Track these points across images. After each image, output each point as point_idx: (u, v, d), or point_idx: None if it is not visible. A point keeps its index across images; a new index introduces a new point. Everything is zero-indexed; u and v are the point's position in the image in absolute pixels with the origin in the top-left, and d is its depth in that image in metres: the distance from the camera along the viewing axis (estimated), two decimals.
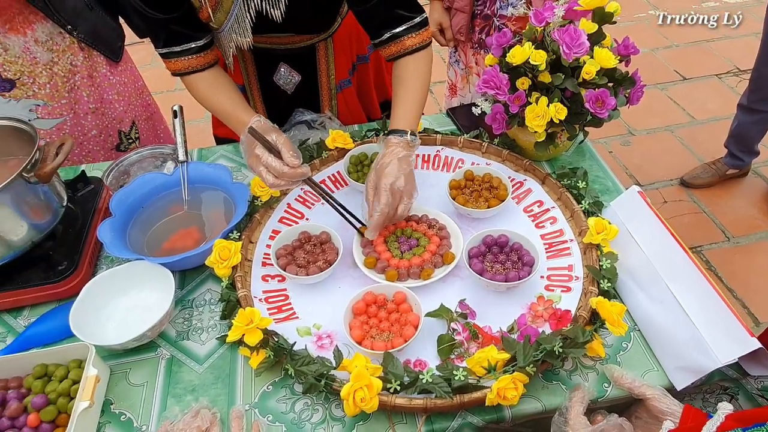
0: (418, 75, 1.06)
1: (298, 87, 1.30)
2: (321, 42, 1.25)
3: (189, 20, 1.01)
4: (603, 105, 0.99)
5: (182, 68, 1.05)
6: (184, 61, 1.04)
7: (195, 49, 1.03)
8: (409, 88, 1.05)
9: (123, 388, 0.87)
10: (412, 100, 1.05)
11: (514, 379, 0.74)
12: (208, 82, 1.06)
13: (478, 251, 0.96)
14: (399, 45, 1.06)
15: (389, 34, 1.05)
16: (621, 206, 1.00)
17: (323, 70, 1.30)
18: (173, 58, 1.04)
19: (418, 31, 1.06)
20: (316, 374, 0.79)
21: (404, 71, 1.07)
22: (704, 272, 0.84)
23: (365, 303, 0.89)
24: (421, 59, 1.07)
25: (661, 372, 0.83)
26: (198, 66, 1.05)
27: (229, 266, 0.95)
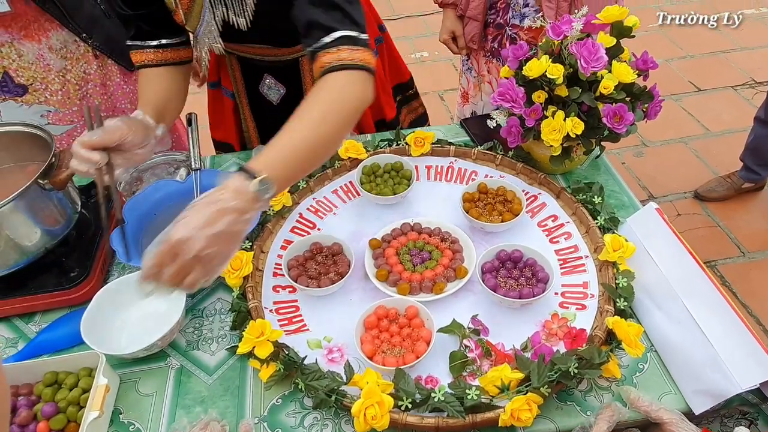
0: (321, 104, 0.79)
1: (283, 99, 1.27)
2: (305, 56, 1.18)
3: (160, 20, 0.99)
4: (621, 120, 0.98)
5: (139, 60, 1.01)
6: (143, 53, 1.01)
7: (155, 45, 1.01)
8: (297, 121, 0.77)
9: (132, 397, 0.86)
10: (293, 138, 0.76)
11: (528, 400, 0.73)
12: (148, 78, 1.02)
13: (491, 266, 0.95)
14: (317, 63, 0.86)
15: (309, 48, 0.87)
16: (638, 223, 0.99)
17: (308, 84, 1.24)
18: (135, 50, 1.01)
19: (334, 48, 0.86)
20: (326, 389, 0.78)
21: (312, 94, 0.81)
22: (724, 293, 0.82)
23: (377, 317, 0.88)
24: (339, 84, 0.82)
25: (678, 395, 0.81)
26: (155, 60, 1.01)
27: (240, 276, 0.94)
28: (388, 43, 1.39)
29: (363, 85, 0.83)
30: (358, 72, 0.82)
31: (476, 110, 1.77)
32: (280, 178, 0.72)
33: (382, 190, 1.12)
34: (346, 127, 0.82)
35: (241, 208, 0.68)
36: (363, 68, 0.83)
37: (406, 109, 1.52)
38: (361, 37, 0.84)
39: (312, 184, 1.16)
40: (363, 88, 0.83)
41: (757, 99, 2.88)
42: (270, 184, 0.70)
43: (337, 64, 0.81)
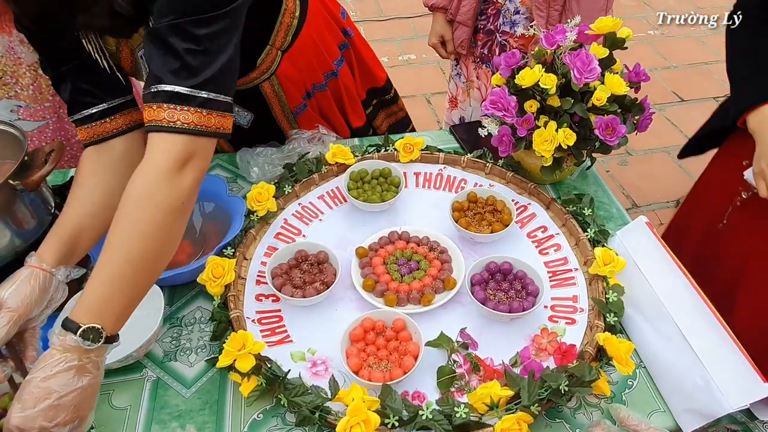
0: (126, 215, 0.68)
1: (253, 122, 1.21)
2: (264, 82, 1.13)
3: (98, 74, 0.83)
4: (613, 133, 0.97)
5: (84, 138, 0.85)
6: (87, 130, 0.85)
7: (97, 114, 0.84)
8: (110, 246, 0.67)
9: (105, 411, 0.82)
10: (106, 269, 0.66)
11: (518, 420, 0.71)
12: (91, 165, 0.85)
13: (480, 278, 0.93)
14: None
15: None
16: (627, 236, 0.98)
17: (275, 104, 1.19)
18: (82, 126, 0.85)
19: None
20: (310, 406, 0.75)
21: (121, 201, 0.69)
22: (714, 310, 0.82)
23: (363, 329, 0.86)
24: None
25: (667, 413, 0.80)
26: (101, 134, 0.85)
27: (222, 284, 0.91)
28: (357, 48, 1.32)
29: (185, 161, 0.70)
30: (182, 138, 0.69)
31: (465, 116, 1.76)
32: (106, 320, 0.65)
33: (370, 196, 1.10)
34: (177, 232, 0.72)
35: (74, 366, 0.63)
36: (189, 132, 0.70)
37: (384, 112, 1.48)
38: (198, 95, 0.70)
39: (298, 189, 1.13)
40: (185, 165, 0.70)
41: None
42: (97, 331, 0.64)
43: (156, 125, 0.69)
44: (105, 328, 0.65)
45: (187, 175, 0.71)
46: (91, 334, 0.64)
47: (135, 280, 0.68)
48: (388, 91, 1.45)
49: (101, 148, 0.86)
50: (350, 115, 1.34)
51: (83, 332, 0.63)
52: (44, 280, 0.74)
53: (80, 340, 0.63)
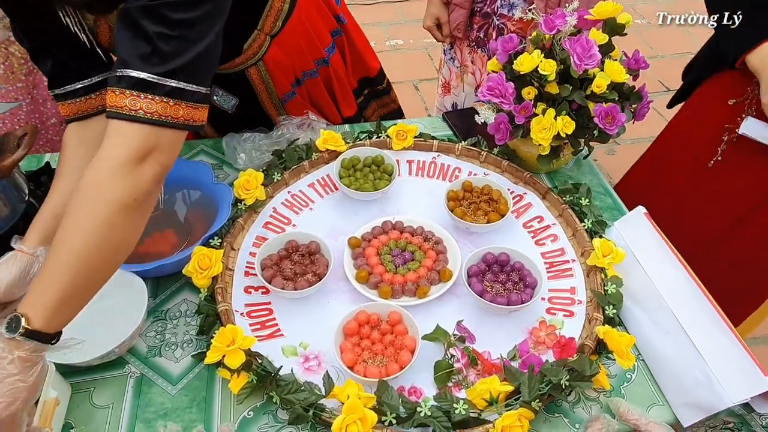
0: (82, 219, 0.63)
1: (238, 107, 1.17)
2: (251, 67, 1.10)
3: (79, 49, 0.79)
4: (613, 121, 0.95)
5: (67, 114, 0.82)
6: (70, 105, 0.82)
7: (81, 90, 0.81)
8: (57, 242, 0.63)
9: (85, 409, 0.78)
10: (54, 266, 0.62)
11: (520, 416, 0.69)
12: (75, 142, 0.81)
13: (477, 270, 0.91)
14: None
15: None
16: (625, 227, 0.97)
17: (261, 90, 1.15)
18: (59, 102, 0.81)
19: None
20: (304, 404, 0.72)
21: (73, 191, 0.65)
22: (714, 303, 0.80)
23: (357, 323, 0.83)
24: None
25: (666, 407, 0.80)
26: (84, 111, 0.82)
27: (208, 276, 0.87)
28: (350, 35, 1.28)
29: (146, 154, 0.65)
30: (142, 128, 0.64)
31: (457, 102, 1.72)
32: (36, 309, 0.60)
33: (362, 185, 1.06)
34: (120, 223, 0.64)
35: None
36: (151, 122, 0.65)
37: (375, 103, 1.44)
38: (165, 84, 0.64)
39: (287, 177, 1.08)
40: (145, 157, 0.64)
41: None
42: (18, 319, 0.59)
43: (115, 111, 0.64)
44: (30, 319, 0.59)
45: (146, 170, 0.65)
46: (13, 323, 0.59)
47: (73, 277, 0.62)
48: (381, 81, 1.41)
49: (85, 125, 0.82)
50: (341, 104, 1.30)
51: (27, 333, 0.59)
52: (26, 262, 0.73)
53: (12, 331, 0.58)
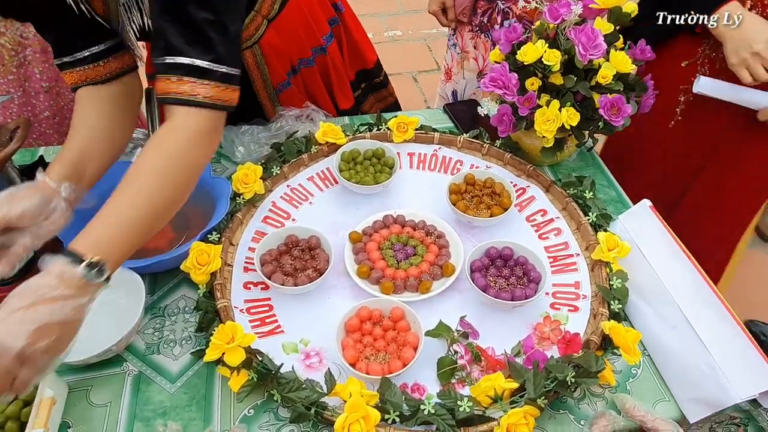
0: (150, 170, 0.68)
1: None
2: (246, 50, 1.08)
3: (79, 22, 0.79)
4: (618, 112, 0.93)
5: (76, 81, 0.82)
6: (78, 72, 0.82)
7: (90, 57, 0.81)
8: (127, 187, 0.66)
9: (83, 408, 0.77)
10: (123, 210, 0.65)
11: (525, 414, 0.68)
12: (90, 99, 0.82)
13: (480, 264, 0.90)
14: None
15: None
16: (630, 220, 0.95)
17: (256, 77, 1.13)
18: (66, 70, 0.82)
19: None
20: (306, 402, 0.71)
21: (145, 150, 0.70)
22: (722, 298, 0.79)
23: (359, 319, 0.82)
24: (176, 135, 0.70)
25: (672, 402, 0.79)
26: (93, 78, 0.82)
27: (207, 272, 0.85)
28: (348, 25, 1.26)
29: (208, 133, 0.71)
30: (202, 112, 0.69)
31: (457, 89, 1.69)
32: (111, 258, 0.62)
33: (363, 178, 1.04)
34: (188, 188, 0.72)
35: (67, 296, 0.59)
36: (210, 107, 0.70)
37: (373, 96, 1.41)
38: (217, 70, 0.69)
39: (286, 170, 1.07)
40: (208, 136, 0.71)
41: None
42: (102, 266, 0.61)
43: (175, 98, 0.68)
44: (107, 267, 0.62)
45: (212, 145, 0.73)
46: (96, 268, 0.60)
47: (145, 230, 0.67)
48: (378, 74, 1.39)
49: (97, 87, 0.83)
50: (338, 96, 1.28)
51: (89, 264, 0.60)
52: (48, 195, 0.72)
53: (85, 271, 0.59)
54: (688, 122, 1.22)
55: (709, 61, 1.11)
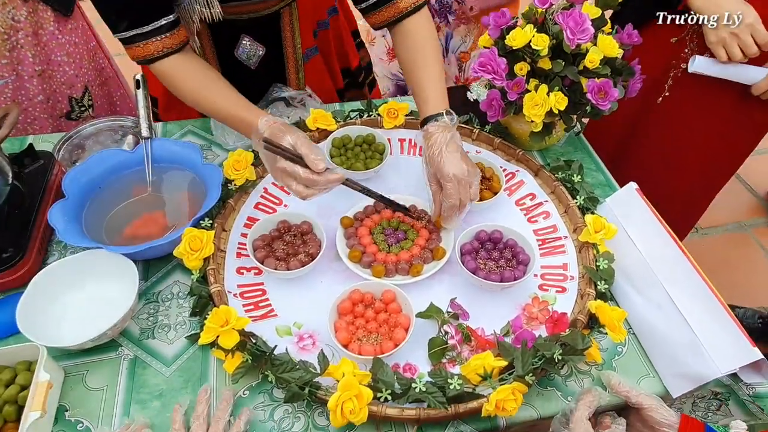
0: (430, 41, 0.95)
1: (262, 61, 1.17)
2: (285, 7, 1.12)
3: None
4: (606, 96, 0.95)
5: (154, 52, 0.89)
6: (156, 42, 0.88)
7: (167, 26, 0.87)
8: (428, 61, 0.93)
9: (79, 392, 0.78)
10: (435, 75, 0.93)
11: (513, 390, 0.70)
12: (187, 70, 0.92)
13: (470, 247, 0.91)
14: (393, 8, 0.95)
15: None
16: (617, 203, 0.97)
17: (288, 39, 1.17)
18: (140, 42, 0.87)
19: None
20: (299, 382, 0.73)
21: (413, 39, 0.95)
22: (705, 277, 0.81)
23: (351, 302, 0.83)
24: (426, 20, 0.97)
25: (656, 378, 0.81)
26: (173, 46, 0.89)
27: (200, 258, 0.86)
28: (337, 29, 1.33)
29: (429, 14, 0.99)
30: (426, 9, 0.97)
31: None
32: (445, 106, 0.91)
33: (354, 164, 1.05)
34: None
35: (453, 135, 0.88)
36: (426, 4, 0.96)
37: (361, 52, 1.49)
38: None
39: None
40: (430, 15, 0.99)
41: None
42: (452, 114, 0.90)
43: (414, 5, 0.94)
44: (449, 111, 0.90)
45: None
46: (450, 114, 0.90)
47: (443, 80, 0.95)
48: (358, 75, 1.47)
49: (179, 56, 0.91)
50: (350, 55, 1.38)
51: (447, 112, 0.90)
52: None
53: (449, 118, 0.90)
54: (677, 99, 1.25)
55: (698, 36, 1.14)
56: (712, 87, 1.16)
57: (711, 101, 1.21)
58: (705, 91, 1.19)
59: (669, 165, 1.36)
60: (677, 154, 1.34)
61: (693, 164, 1.34)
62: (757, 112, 1.19)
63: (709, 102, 1.21)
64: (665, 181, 1.37)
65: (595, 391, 0.75)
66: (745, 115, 1.20)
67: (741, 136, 1.26)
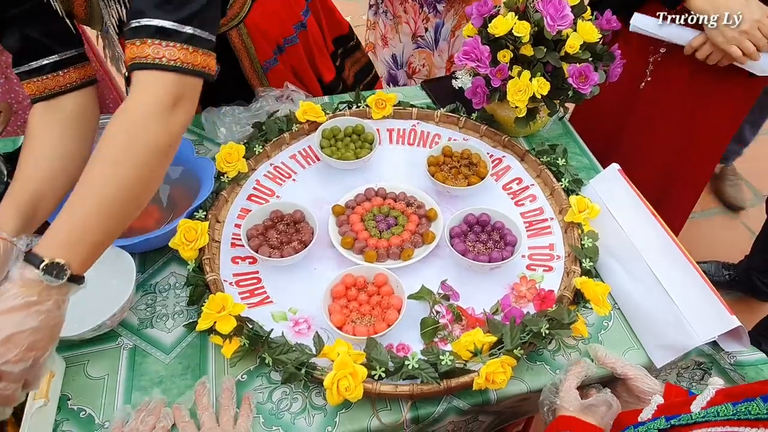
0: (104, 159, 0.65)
1: (221, 72, 1.14)
2: (232, 30, 1.09)
3: (47, 24, 0.77)
4: (586, 80, 0.97)
5: (33, 92, 0.79)
6: (36, 83, 0.79)
7: (48, 66, 0.78)
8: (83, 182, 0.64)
9: (81, 381, 0.79)
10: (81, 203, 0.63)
11: (502, 363, 0.72)
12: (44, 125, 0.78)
13: (459, 230, 0.93)
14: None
15: None
16: (600, 184, 1.00)
17: (243, 56, 1.15)
18: (28, 79, 0.79)
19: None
20: (296, 363, 0.75)
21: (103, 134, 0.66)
22: (684, 250, 0.84)
23: (345, 286, 0.85)
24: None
25: (641, 350, 0.84)
26: (52, 88, 0.79)
27: (195, 248, 0.88)
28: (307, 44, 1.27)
29: (174, 103, 0.66)
30: (167, 76, 0.66)
31: (396, 53, 1.73)
32: (74, 256, 0.60)
33: (344, 154, 1.07)
34: (151, 168, 0.66)
35: (30, 303, 0.57)
36: (176, 70, 0.66)
37: (349, 61, 1.45)
38: (183, 31, 0.67)
39: (269, 149, 1.09)
40: (174, 107, 0.66)
41: None
42: (62, 267, 0.59)
43: (139, 62, 0.66)
44: (71, 265, 0.60)
45: (178, 116, 0.67)
46: (55, 270, 0.58)
47: (109, 220, 0.63)
48: (352, 37, 1.43)
49: (51, 106, 0.80)
50: (321, 69, 1.31)
51: (46, 266, 0.58)
52: (4, 249, 0.69)
53: (42, 274, 0.57)
54: (658, 83, 1.28)
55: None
56: (690, 69, 1.19)
57: (691, 83, 1.24)
58: (684, 73, 1.22)
59: (658, 151, 1.38)
60: (665, 139, 1.36)
61: (680, 148, 1.36)
62: (736, 89, 1.23)
63: (689, 84, 1.24)
64: (657, 167, 1.40)
65: (584, 362, 0.77)
66: (724, 94, 1.23)
67: (724, 113, 1.29)
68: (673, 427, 0.53)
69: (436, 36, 1.58)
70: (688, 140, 1.33)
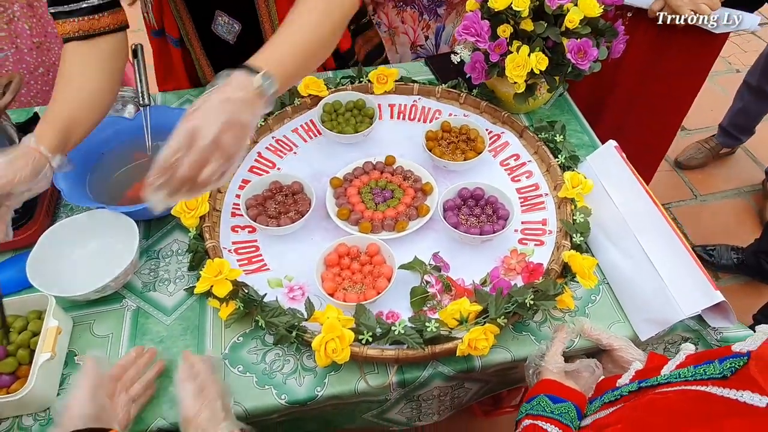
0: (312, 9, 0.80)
1: (239, 36, 1.16)
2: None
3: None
4: (585, 56, 0.97)
5: (66, 32, 0.84)
6: (69, 22, 0.83)
7: (87, 9, 0.83)
8: (292, 23, 0.78)
9: (87, 339, 0.84)
10: (290, 38, 0.77)
11: (485, 330, 0.75)
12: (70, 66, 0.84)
13: (453, 204, 0.95)
14: None
15: None
16: (596, 161, 1.00)
17: (264, 15, 1.15)
18: (60, 19, 0.84)
19: None
20: (287, 326, 0.78)
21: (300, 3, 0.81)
22: (674, 227, 0.85)
23: (338, 254, 0.88)
24: None
25: (626, 323, 0.85)
26: (88, 30, 0.84)
27: (196, 216, 0.91)
28: None
29: None
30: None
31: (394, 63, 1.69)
32: (280, 76, 0.72)
33: (344, 128, 1.09)
34: (339, 32, 0.83)
35: (246, 98, 0.68)
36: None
37: (361, 39, 1.43)
38: None
39: (271, 123, 1.11)
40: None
41: None
42: (273, 80, 0.70)
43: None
44: (277, 82, 0.71)
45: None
46: (268, 80, 0.70)
47: (310, 56, 0.79)
48: (365, 14, 1.41)
49: (87, 44, 0.85)
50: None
51: (264, 75, 0.69)
52: (38, 161, 0.75)
53: (261, 79, 0.69)
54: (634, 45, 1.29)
55: None
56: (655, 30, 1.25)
57: (661, 43, 1.30)
58: (656, 34, 1.28)
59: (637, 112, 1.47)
60: (642, 101, 1.44)
61: (654, 105, 1.44)
62: (702, 47, 1.30)
63: (660, 44, 1.30)
64: (635, 125, 1.49)
65: (568, 327, 0.78)
66: (692, 51, 1.31)
67: (693, 67, 1.37)
68: (641, 389, 0.55)
69: (437, 41, 1.54)
70: (659, 99, 1.42)
